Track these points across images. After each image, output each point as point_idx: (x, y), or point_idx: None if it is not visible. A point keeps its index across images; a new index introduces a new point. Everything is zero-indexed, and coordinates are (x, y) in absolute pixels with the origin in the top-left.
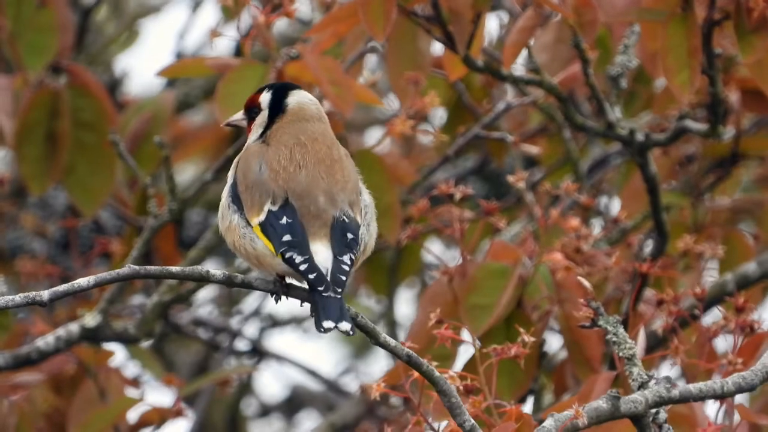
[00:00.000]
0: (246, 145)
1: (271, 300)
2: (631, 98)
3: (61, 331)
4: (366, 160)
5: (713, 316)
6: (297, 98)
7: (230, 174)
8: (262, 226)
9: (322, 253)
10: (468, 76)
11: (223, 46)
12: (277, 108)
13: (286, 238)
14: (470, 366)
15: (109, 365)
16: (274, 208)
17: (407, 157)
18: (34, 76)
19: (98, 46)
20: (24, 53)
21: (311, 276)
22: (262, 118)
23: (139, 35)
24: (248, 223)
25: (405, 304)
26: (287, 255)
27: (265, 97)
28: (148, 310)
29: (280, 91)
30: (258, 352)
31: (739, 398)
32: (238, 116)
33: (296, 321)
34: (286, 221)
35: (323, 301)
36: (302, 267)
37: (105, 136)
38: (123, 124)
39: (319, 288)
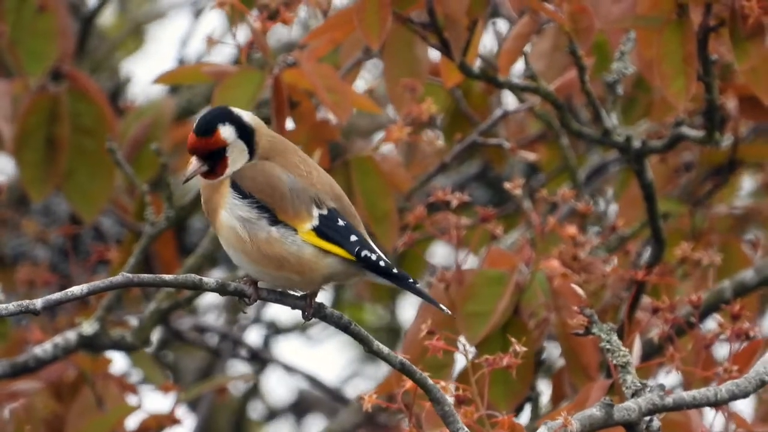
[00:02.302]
0: (233, 172)
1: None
2: (631, 105)
3: (58, 339)
4: (363, 166)
5: (710, 323)
6: (248, 117)
7: (232, 192)
8: (319, 231)
9: (377, 249)
10: (468, 83)
11: (226, 53)
12: (244, 132)
13: (353, 238)
14: (465, 375)
15: (107, 372)
16: (324, 212)
17: (409, 164)
18: (34, 82)
19: (103, 51)
20: (24, 59)
21: (395, 271)
22: (240, 146)
23: (144, 41)
24: (294, 231)
25: (410, 311)
26: (363, 254)
27: (228, 131)
28: (146, 317)
29: (231, 116)
30: (261, 359)
31: (742, 407)
32: (195, 166)
33: (300, 328)
34: (342, 223)
35: (420, 292)
36: (381, 264)
37: (104, 142)
38: (123, 130)
39: (410, 280)
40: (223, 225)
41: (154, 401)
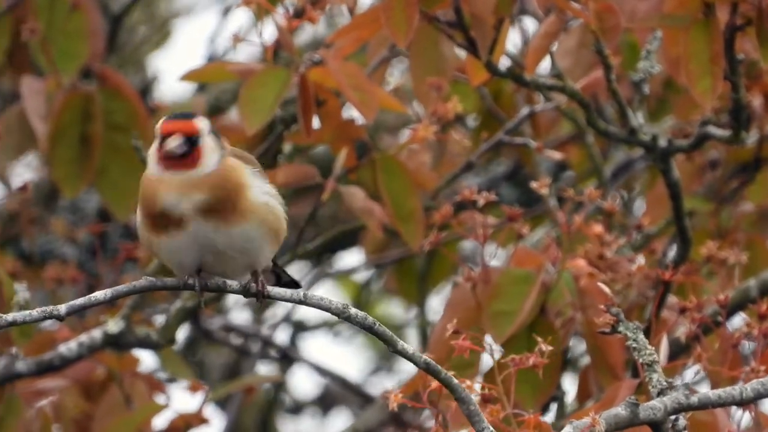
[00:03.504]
0: (223, 164)
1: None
2: (661, 106)
3: (83, 338)
4: (389, 165)
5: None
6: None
7: (250, 170)
8: None
9: None
10: (498, 83)
11: (253, 50)
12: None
13: None
14: (492, 374)
15: (135, 371)
16: None
17: (438, 164)
18: (66, 81)
19: (130, 47)
20: (56, 57)
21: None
22: (212, 141)
23: (171, 36)
24: None
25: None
26: None
27: (202, 123)
28: (171, 316)
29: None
30: (288, 358)
31: None
32: (178, 142)
33: (327, 325)
34: None
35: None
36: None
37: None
38: (154, 128)
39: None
40: (254, 204)
41: (182, 399)
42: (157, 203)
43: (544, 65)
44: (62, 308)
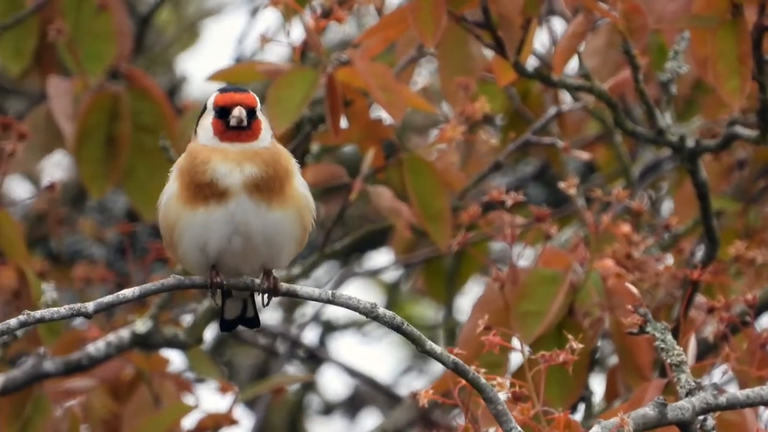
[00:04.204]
0: (274, 144)
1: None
2: (689, 107)
3: (111, 338)
4: (417, 165)
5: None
6: None
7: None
8: None
9: None
10: (526, 83)
11: (282, 51)
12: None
13: None
14: (520, 373)
15: (164, 371)
16: None
17: (466, 164)
18: (93, 81)
19: (159, 47)
20: (83, 58)
21: None
22: (264, 117)
23: (199, 36)
24: None
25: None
26: None
27: (255, 97)
28: (199, 315)
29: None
30: (316, 358)
31: None
32: (242, 113)
33: (356, 325)
34: None
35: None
36: None
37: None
38: (182, 128)
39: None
40: (297, 193)
41: (210, 399)
42: (208, 172)
43: (572, 65)
44: (90, 306)
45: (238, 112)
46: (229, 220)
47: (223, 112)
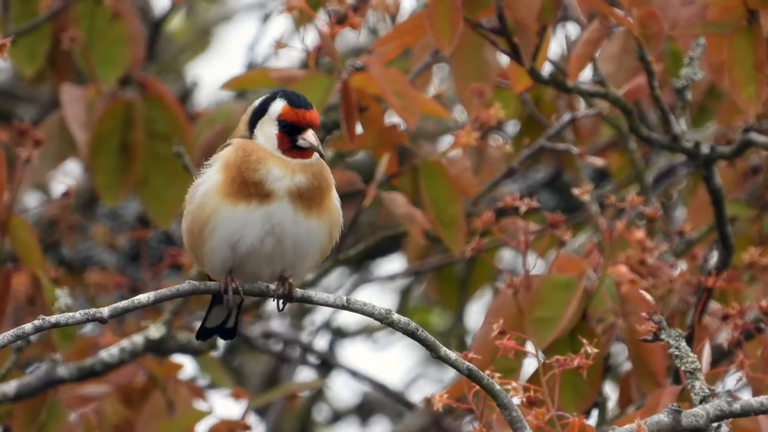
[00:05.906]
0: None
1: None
2: (703, 114)
3: (125, 343)
4: (431, 171)
5: None
6: None
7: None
8: None
9: None
10: (539, 89)
11: (294, 57)
12: None
13: None
14: (534, 379)
15: (177, 377)
16: None
17: (479, 169)
18: (107, 88)
19: (170, 54)
20: (96, 65)
21: None
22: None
23: (211, 43)
24: None
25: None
26: None
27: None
28: None
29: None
30: (327, 364)
31: None
32: (317, 139)
33: (367, 332)
34: None
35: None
36: None
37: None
38: (195, 135)
39: None
40: (333, 206)
41: (221, 406)
42: (261, 171)
43: (586, 71)
44: (105, 311)
45: (313, 138)
46: (267, 221)
47: (292, 130)
